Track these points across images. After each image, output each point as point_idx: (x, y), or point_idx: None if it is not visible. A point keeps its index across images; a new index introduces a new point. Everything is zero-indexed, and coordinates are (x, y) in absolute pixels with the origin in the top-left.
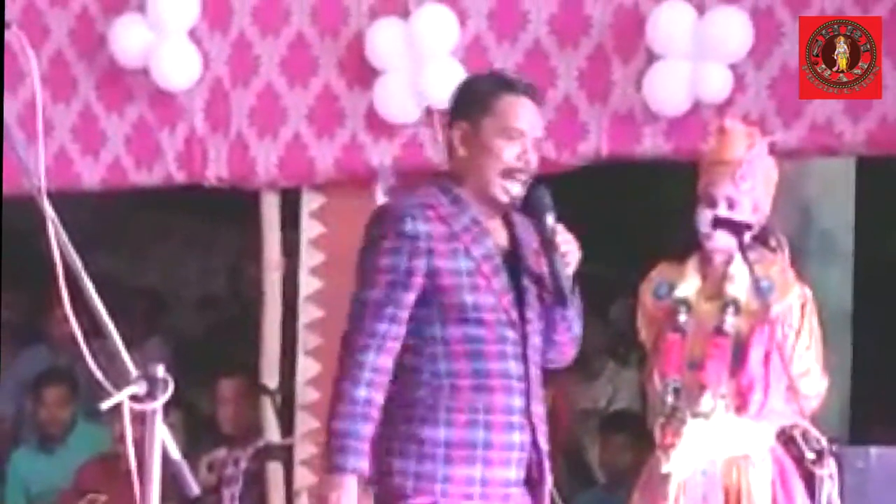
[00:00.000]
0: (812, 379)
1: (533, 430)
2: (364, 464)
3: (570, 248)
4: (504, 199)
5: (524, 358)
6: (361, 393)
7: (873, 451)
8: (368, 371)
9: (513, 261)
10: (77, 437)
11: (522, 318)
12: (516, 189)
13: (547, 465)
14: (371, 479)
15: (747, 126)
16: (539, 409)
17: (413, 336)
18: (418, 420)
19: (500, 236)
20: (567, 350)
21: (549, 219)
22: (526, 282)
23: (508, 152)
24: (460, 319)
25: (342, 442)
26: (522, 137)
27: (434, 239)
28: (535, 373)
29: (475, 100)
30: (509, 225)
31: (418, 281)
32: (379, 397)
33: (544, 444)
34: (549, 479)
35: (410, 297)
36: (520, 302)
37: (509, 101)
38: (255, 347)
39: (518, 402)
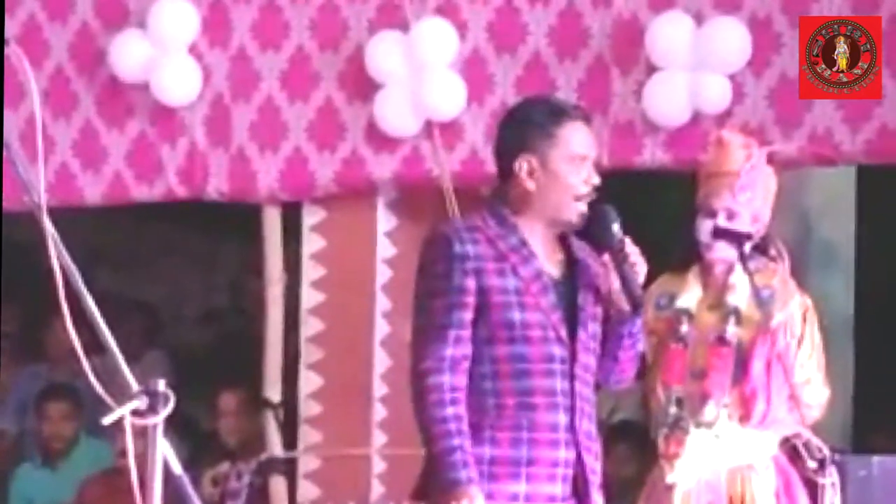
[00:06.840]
0: (814, 388)
1: (577, 447)
2: (475, 474)
3: (638, 259)
4: (576, 220)
5: (571, 376)
6: (449, 412)
7: (876, 459)
8: (448, 392)
9: (569, 281)
10: (80, 453)
11: (573, 337)
12: (583, 208)
13: (592, 481)
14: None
15: (745, 137)
16: (586, 426)
17: None
18: None
19: (555, 258)
20: (628, 368)
21: (616, 228)
22: (581, 301)
23: (576, 178)
24: (508, 339)
25: (451, 459)
26: (585, 161)
27: (482, 259)
28: (583, 390)
29: (538, 131)
30: (566, 247)
31: (471, 300)
32: (463, 411)
33: (589, 461)
34: (595, 496)
35: (468, 316)
36: (572, 321)
37: (570, 128)
38: (257, 361)
39: (563, 419)
